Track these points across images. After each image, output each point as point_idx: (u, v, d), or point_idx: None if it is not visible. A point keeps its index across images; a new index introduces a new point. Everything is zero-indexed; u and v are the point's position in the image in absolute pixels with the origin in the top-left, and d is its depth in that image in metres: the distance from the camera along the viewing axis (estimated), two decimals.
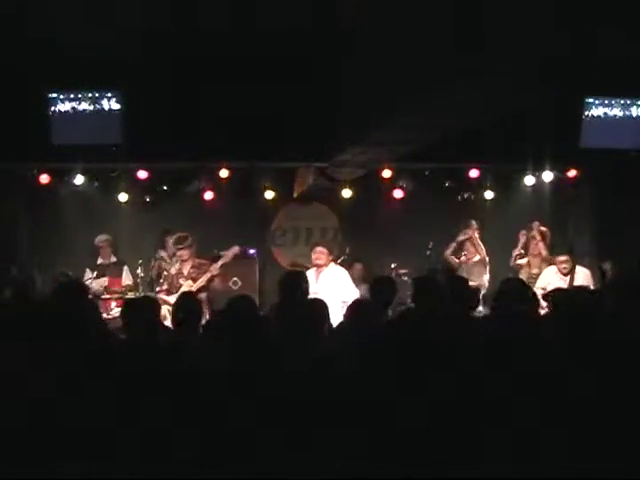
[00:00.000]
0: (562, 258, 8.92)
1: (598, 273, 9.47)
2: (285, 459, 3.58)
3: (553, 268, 9.02)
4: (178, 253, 8.95)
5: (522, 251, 9.81)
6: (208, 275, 8.77)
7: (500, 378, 3.83)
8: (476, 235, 9.83)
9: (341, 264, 9.33)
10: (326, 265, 8.74)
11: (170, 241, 9.83)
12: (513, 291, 5.47)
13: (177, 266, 8.99)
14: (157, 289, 9.17)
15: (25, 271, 9.62)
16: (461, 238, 10.04)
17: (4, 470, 3.51)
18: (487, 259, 9.70)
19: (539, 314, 5.36)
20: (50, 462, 3.55)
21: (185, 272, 8.88)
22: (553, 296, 4.96)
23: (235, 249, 9.08)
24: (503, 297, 5.38)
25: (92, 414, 3.74)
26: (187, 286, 8.61)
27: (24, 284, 8.93)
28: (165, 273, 9.11)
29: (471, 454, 3.58)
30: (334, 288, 8.35)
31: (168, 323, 6.47)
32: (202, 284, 8.71)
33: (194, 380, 3.89)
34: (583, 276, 8.90)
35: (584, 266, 9.29)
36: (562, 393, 3.76)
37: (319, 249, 8.84)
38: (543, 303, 5.96)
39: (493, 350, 4.10)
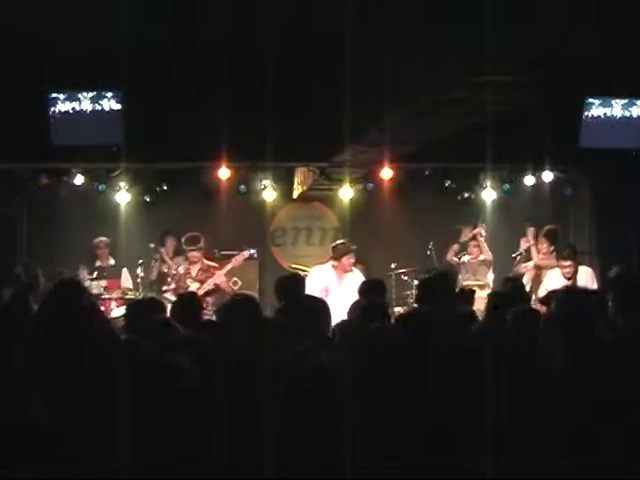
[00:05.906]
0: (565, 263, 8.74)
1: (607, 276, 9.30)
2: (286, 460, 3.58)
3: (557, 271, 8.89)
4: (189, 254, 8.85)
5: (524, 252, 9.73)
6: (216, 279, 8.70)
7: (499, 379, 3.83)
8: (481, 236, 9.78)
9: None
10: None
11: (169, 241, 9.83)
12: (508, 293, 5.44)
13: (185, 266, 8.90)
14: (164, 288, 9.07)
15: (29, 271, 9.61)
16: (463, 239, 10.06)
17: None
18: (491, 259, 9.67)
19: (538, 314, 5.35)
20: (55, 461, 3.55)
21: (193, 273, 8.80)
22: (551, 297, 4.94)
23: (245, 253, 9.00)
24: (498, 299, 5.36)
25: (93, 414, 3.74)
26: (194, 288, 8.46)
27: (27, 284, 8.92)
28: (173, 272, 8.97)
29: (470, 453, 3.58)
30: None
31: None
32: (209, 288, 8.66)
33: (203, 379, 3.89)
34: (585, 275, 8.78)
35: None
36: (562, 393, 3.76)
37: (353, 258, 8.45)
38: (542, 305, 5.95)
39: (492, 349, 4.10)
